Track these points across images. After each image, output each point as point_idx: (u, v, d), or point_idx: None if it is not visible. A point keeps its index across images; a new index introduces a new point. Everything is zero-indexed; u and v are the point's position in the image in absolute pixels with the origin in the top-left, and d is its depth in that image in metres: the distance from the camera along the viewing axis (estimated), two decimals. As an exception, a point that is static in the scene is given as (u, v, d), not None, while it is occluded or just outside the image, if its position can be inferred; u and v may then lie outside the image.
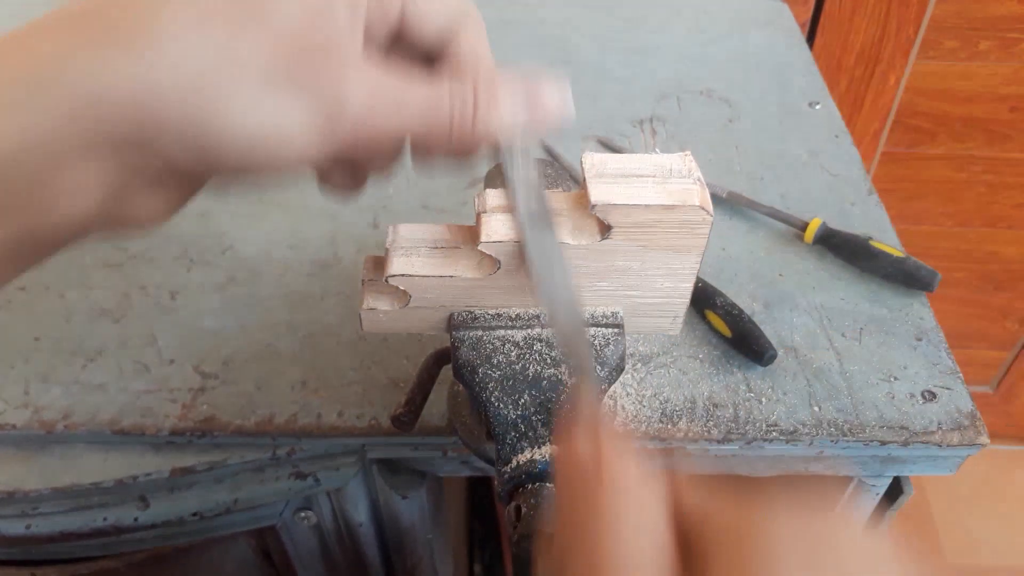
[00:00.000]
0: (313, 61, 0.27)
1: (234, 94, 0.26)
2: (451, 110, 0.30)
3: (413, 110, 0.29)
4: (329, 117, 0.28)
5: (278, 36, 0.27)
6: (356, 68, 0.28)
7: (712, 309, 0.54)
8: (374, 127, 0.29)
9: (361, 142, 0.29)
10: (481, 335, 0.37)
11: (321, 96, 0.27)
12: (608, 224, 0.34)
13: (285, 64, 0.27)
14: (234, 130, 0.27)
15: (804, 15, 1.07)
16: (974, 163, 1.20)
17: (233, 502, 0.50)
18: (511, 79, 0.32)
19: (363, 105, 0.28)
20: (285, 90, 0.27)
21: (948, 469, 0.52)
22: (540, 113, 0.32)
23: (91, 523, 0.49)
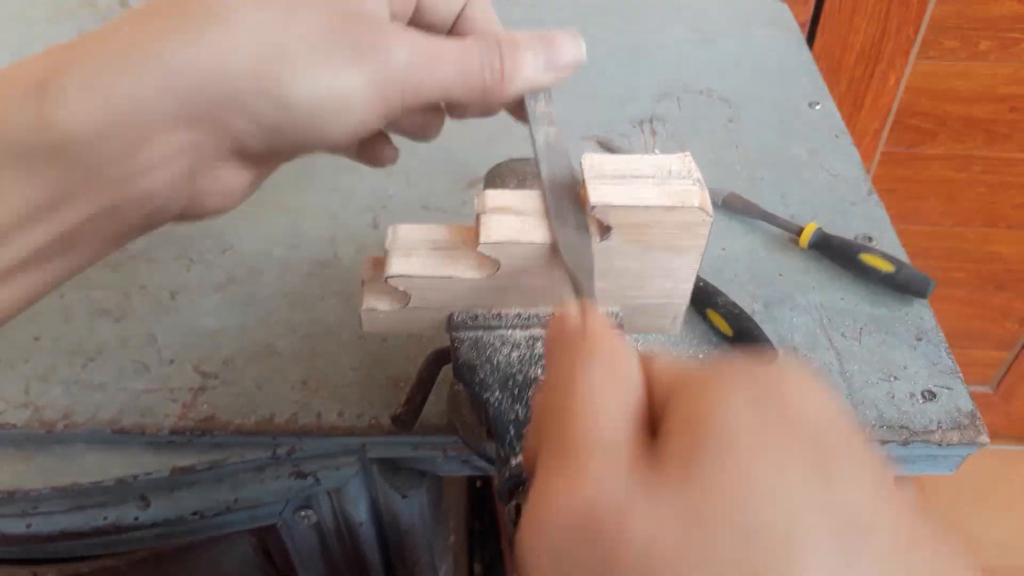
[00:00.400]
0: (358, 29, 0.30)
1: (294, 64, 0.29)
2: (481, 66, 0.33)
3: (449, 66, 0.32)
4: (379, 75, 0.30)
5: (325, 11, 0.30)
6: (394, 34, 0.31)
7: (713, 308, 0.54)
8: (418, 82, 0.32)
9: (410, 101, 0.32)
10: (481, 335, 0.37)
11: (369, 57, 0.30)
12: (607, 225, 0.34)
13: (335, 34, 0.30)
14: (299, 96, 0.30)
15: (804, 15, 1.07)
16: (974, 163, 1.20)
17: (233, 501, 0.50)
18: (529, 36, 0.35)
19: (406, 62, 0.31)
20: (339, 56, 0.30)
21: (948, 469, 0.52)
22: (559, 60, 0.35)
23: (91, 522, 0.49)
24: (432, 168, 0.67)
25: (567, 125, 0.39)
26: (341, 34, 0.30)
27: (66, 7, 0.86)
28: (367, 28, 0.31)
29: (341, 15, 0.30)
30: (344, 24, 0.30)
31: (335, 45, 0.30)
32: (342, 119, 0.31)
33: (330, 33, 0.30)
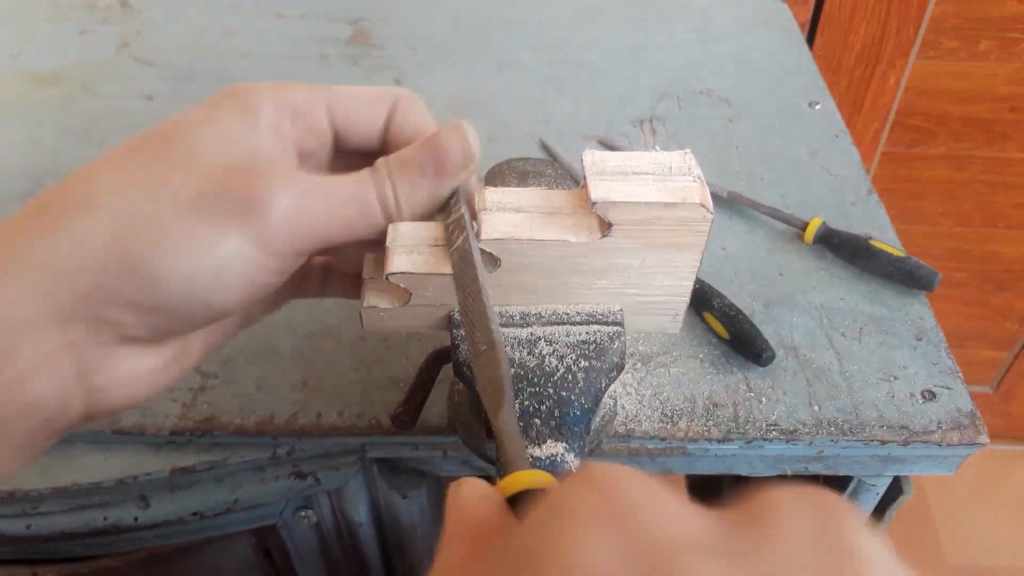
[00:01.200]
0: (238, 185, 0.28)
1: (168, 230, 0.28)
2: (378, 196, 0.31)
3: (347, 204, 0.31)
4: (261, 233, 0.29)
5: (204, 170, 0.28)
6: (282, 182, 0.29)
7: (709, 311, 0.54)
8: (311, 226, 0.30)
9: (304, 247, 0.30)
10: (481, 334, 0.37)
11: (249, 214, 0.28)
12: (608, 222, 0.34)
13: (212, 190, 0.28)
14: (174, 263, 0.28)
15: (804, 15, 1.07)
16: (974, 163, 1.20)
17: (233, 501, 0.50)
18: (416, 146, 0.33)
19: (293, 211, 0.29)
20: (215, 216, 0.28)
21: (948, 469, 0.52)
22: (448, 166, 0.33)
23: (91, 523, 0.49)
24: (432, 168, 0.67)
25: (567, 124, 0.38)
26: (214, 195, 0.28)
27: (66, 7, 0.86)
28: (248, 181, 0.29)
29: (218, 174, 0.29)
30: (220, 182, 0.28)
31: (207, 210, 0.28)
32: (223, 285, 0.29)
33: (203, 197, 0.28)
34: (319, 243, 0.30)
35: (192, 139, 0.29)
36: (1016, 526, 1.52)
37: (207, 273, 0.28)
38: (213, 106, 0.31)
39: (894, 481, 0.55)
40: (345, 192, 0.31)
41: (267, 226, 0.29)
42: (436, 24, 0.86)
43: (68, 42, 0.82)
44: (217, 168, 0.29)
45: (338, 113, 0.33)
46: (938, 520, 1.52)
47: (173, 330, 0.30)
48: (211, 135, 0.29)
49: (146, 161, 0.29)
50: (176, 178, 0.28)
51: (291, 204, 0.29)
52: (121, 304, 0.28)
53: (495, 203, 0.36)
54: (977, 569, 1.46)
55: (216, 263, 0.28)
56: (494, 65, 0.80)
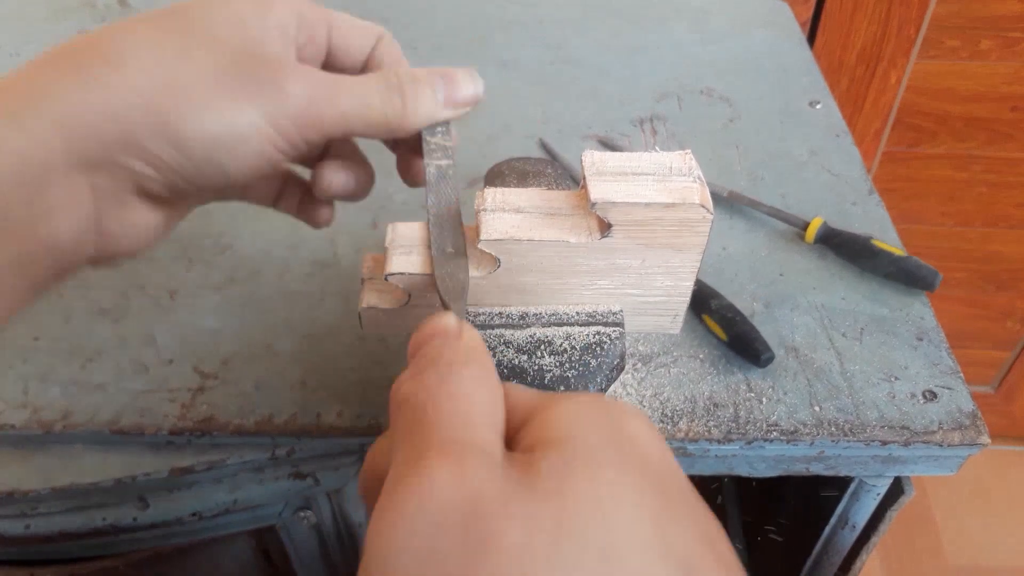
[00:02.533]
0: (254, 65, 0.31)
1: (189, 103, 0.30)
2: (382, 101, 0.34)
3: (349, 101, 0.33)
4: (274, 109, 0.31)
5: (221, 50, 0.31)
6: (292, 70, 0.32)
7: (707, 313, 0.54)
8: (317, 117, 0.32)
9: (309, 135, 0.33)
10: (481, 333, 0.37)
11: (264, 92, 0.31)
12: (608, 222, 0.34)
13: (229, 70, 0.31)
14: (194, 134, 0.30)
15: (805, 14, 1.06)
16: (975, 163, 1.20)
17: (232, 502, 0.50)
18: (429, 72, 0.36)
19: (304, 97, 0.32)
20: (232, 92, 0.31)
21: (949, 469, 0.52)
22: (457, 96, 0.36)
23: (90, 523, 0.49)
24: (432, 168, 0.66)
25: (567, 124, 0.39)
26: (235, 70, 0.31)
27: (66, 7, 0.86)
28: (264, 65, 0.31)
29: (238, 54, 0.31)
30: (240, 61, 0.31)
31: (228, 81, 0.30)
32: (238, 154, 0.31)
33: (224, 70, 0.30)
34: (323, 132, 0.33)
35: (210, 17, 0.31)
36: (1017, 526, 1.52)
37: (227, 139, 0.31)
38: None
39: (895, 481, 0.55)
40: (351, 87, 0.33)
41: (281, 108, 0.31)
42: (436, 24, 0.86)
43: (68, 42, 0.81)
44: (235, 47, 0.31)
45: (335, 32, 0.36)
46: (939, 520, 1.52)
47: (184, 190, 0.32)
48: (228, 16, 0.32)
49: (168, 30, 0.31)
50: (199, 50, 0.30)
51: (303, 92, 0.32)
52: (145, 157, 0.30)
53: (495, 203, 0.36)
54: (978, 569, 1.46)
55: (236, 131, 0.31)
56: (494, 65, 0.80)
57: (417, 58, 0.80)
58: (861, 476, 0.55)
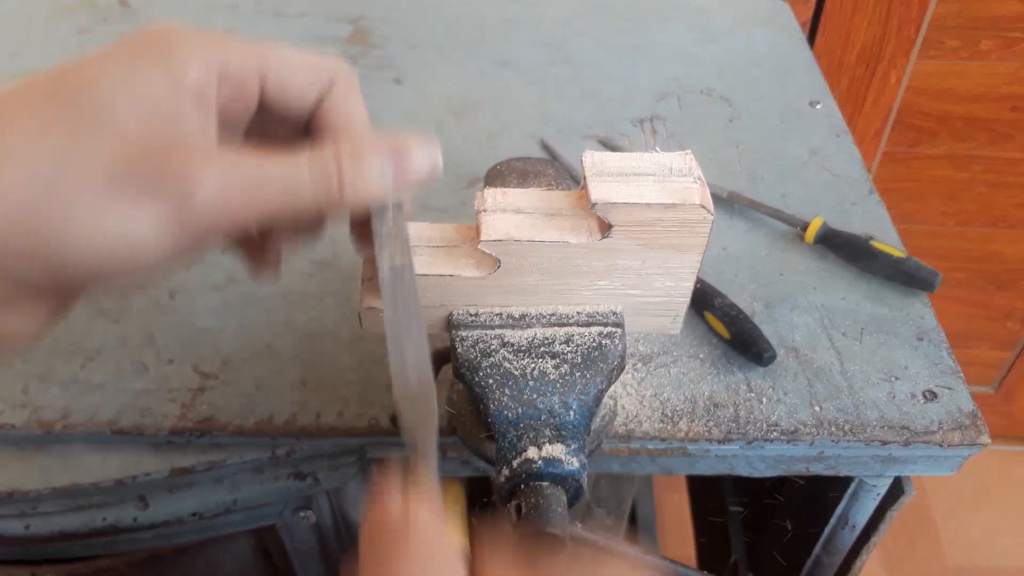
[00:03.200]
0: (157, 162, 0.27)
1: (77, 205, 0.26)
2: (312, 185, 0.29)
3: (272, 190, 0.29)
4: (179, 214, 0.27)
5: (118, 142, 0.26)
6: (205, 161, 0.28)
7: (710, 310, 0.54)
8: (232, 212, 0.28)
9: (223, 230, 0.28)
10: (481, 334, 0.37)
11: (168, 194, 0.27)
12: (609, 223, 0.34)
13: (127, 168, 0.26)
14: (82, 241, 0.26)
15: (805, 14, 1.06)
16: (975, 163, 1.20)
17: (232, 502, 0.50)
18: (379, 141, 0.31)
19: (215, 196, 0.27)
20: (130, 194, 0.26)
21: (949, 469, 0.52)
22: (408, 173, 0.31)
23: (90, 523, 0.49)
24: (432, 168, 0.66)
25: (567, 124, 0.38)
26: (133, 169, 0.26)
27: (65, 7, 0.86)
28: (168, 160, 0.27)
29: (138, 148, 0.27)
30: (140, 157, 0.27)
31: (122, 180, 0.26)
32: (130, 260, 0.28)
33: (117, 165, 0.26)
34: (239, 226, 0.29)
35: (105, 98, 0.27)
36: (1017, 526, 1.52)
37: (115, 246, 0.27)
38: (131, 56, 0.28)
39: (895, 481, 0.55)
40: (274, 176, 0.29)
41: (186, 210, 0.27)
42: (436, 24, 0.86)
43: (68, 42, 0.81)
44: (133, 139, 0.27)
45: (270, 79, 0.31)
46: (939, 520, 1.52)
47: (78, 288, 0.30)
48: (126, 95, 0.27)
49: (52, 122, 0.26)
50: (88, 147, 0.26)
51: (213, 189, 0.27)
52: (21, 266, 0.27)
53: (495, 204, 0.36)
54: (978, 569, 1.46)
55: (126, 238, 0.27)
56: (494, 65, 0.80)
57: (416, 59, 0.81)
58: (861, 476, 0.55)
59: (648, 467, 0.52)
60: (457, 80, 0.77)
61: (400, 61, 0.79)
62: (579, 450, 0.36)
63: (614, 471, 0.53)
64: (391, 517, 0.25)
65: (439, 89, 0.76)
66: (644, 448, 0.50)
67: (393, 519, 0.25)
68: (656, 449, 0.50)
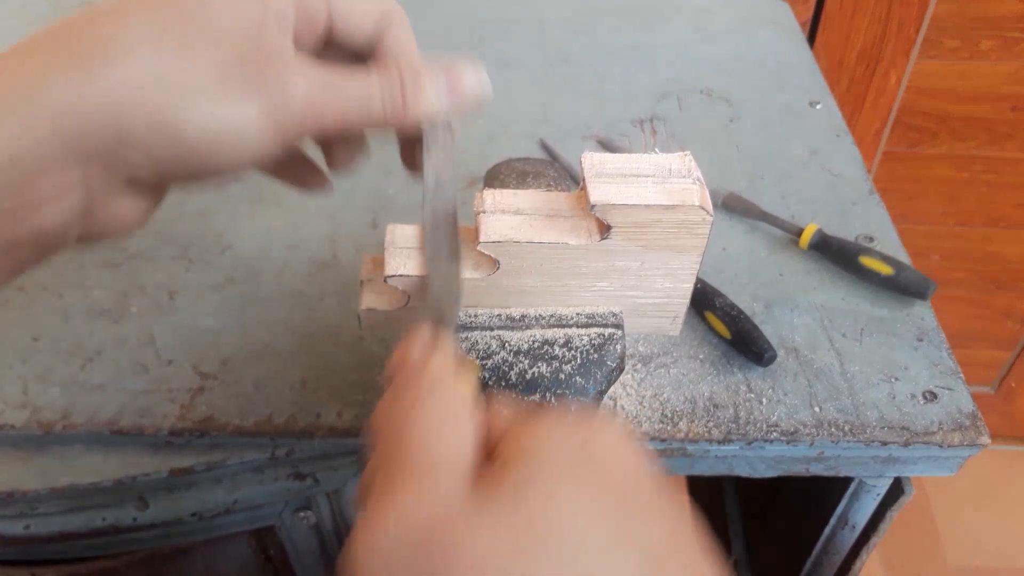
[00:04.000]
0: (255, 61, 0.30)
1: (190, 99, 0.29)
2: (382, 97, 0.33)
3: (349, 99, 0.32)
4: (277, 110, 0.31)
5: (222, 46, 0.30)
6: (294, 67, 0.31)
7: (711, 310, 0.54)
8: (318, 115, 0.32)
9: (308, 131, 0.32)
10: (480, 335, 0.37)
11: (267, 93, 0.30)
12: (608, 224, 0.34)
13: (232, 70, 0.30)
14: (194, 131, 0.30)
15: (805, 14, 1.06)
16: (975, 163, 1.20)
17: (232, 502, 0.50)
18: (433, 67, 0.35)
19: (305, 97, 0.31)
20: (236, 92, 0.30)
21: (949, 469, 0.52)
22: (461, 94, 0.35)
23: (90, 523, 0.49)
24: (432, 168, 0.66)
25: (567, 124, 0.38)
26: (237, 66, 0.30)
27: (65, 7, 0.86)
28: (265, 61, 0.31)
29: (239, 47, 0.30)
30: (241, 57, 0.30)
31: (230, 78, 0.30)
32: (236, 150, 0.31)
33: (226, 65, 0.30)
34: (321, 129, 0.32)
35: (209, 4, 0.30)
36: (1017, 527, 1.52)
37: (226, 136, 0.30)
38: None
39: (895, 482, 0.55)
40: (351, 85, 0.33)
41: (281, 105, 0.31)
42: (436, 24, 0.86)
43: (68, 41, 0.81)
44: (236, 40, 0.30)
45: (335, 15, 0.34)
46: (939, 521, 1.52)
47: (178, 180, 0.32)
48: (225, 4, 0.31)
49: (166, 21, 0.30)
50: (199, 44, 0.30)
51: (305, 90, 0.31)
52: (142, 151, 0.29)
53: (494, 205, 0.36)
54: (978, 570, 1.46)
55: (235, 128, 0.30)
56: (494, 65, 0.80)
57: (417, 58, 0.80)
58: (861, 477, 0.55)
59: (648, 467, 0.52)
60: (457, 80, 0.77)
61: (400, 61, 0.79)
62: (578, 451, 0.36)
63: (614, 471, 0.53)
64: (412, 357, 0.28)
65: (439, 89, 0.76)
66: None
67: (413, 360, 0.28)
68: (656, 449, 0.50)
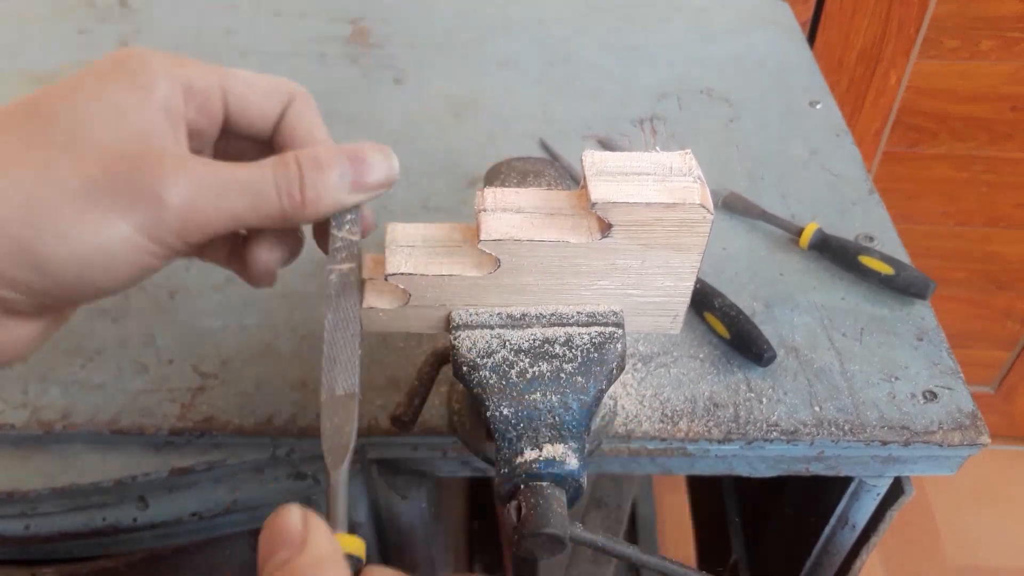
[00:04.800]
0: (129, 172, 0.28)
1: (57, 215, 0.28)
2: (278, 192, 0.31)
3: (239, 195, 0.30)
4: (151, 223, 0.29)
5: (94, 155, 0.28)
6: (174, 168, 0.29)
7: (710, 311, 0.54)
8: (204, 220, 0.30)
9: (194, 238, 0.30)
10: (481, 334, 0.37)
11: (140, 202, 0.28)
12: (608, 222, 0.34)
13: (101, 180, 0.28)
14: (59, 258, 0.28)
15: (805, 14, 1.06)
16: (975, 163, 1.20)
17: (232, 502, 0.50)
18: (338, 150, 0.33)
19: (185, 203, 0.29)
20: (105, 204, 0.28)
21: (949, 469, 0.52)
22: (367, 180, 0.33)
23: (90, 523, 0.49)
24: (432, 168, 0.67)
25: (567, 124, 0.38)
26: (104, 182, 0.28)
27: (66, 7, 0.86)
28: (138, 170, 0.29)
29: (109, 160, 0.28)
30: (110, 171, 0.28)
31: (96, 196, 0.28)
32: (109, 270, 0.29)
33: (91, 183, 0.28)
34: (210, 233, 0.30)
35: (80, 115, 0.29)
36: (1017, 526, 1.52)
37: (95, 259, 0.28)
38: (103, 76, 0.30)
39: (895, 481, 0.55)
40: (241, 181, 0.30)
41: (158, 217, 0.29)
42: (436, 23, 0.86)
43: (67, 41, 0.81)
44: (106, 152, 0.28)
45: (232, 97, 0.33)
46: (939, 520, 1.52)
47: (57, 306, 0.31)
48: (100, 111, 0.29)
49: (32, 139, 0.28)
50: (64, 162, 0.28)
51: (183, 195, 0.29)
52: (9, 284, 0.28)
53: (495, 203, 0.36)
54: (978, 569, 1.46)
55: (104, 250, 0.28)
56: (494, 65, 0.80)
57: (416, 58, 0.81)
58: (861, 476, 0.55)
59: (648, 467, 0.52)
60: (457, 80, 0.77)
61: (400, 61, 0.79)
62: (579, 450, 0.36)
63: (614, 471, 0.53)
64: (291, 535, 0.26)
65: (439, 89, 0.76)
66: (644, 448, 0.50)
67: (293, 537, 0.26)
68: (656, 449, 0.50)
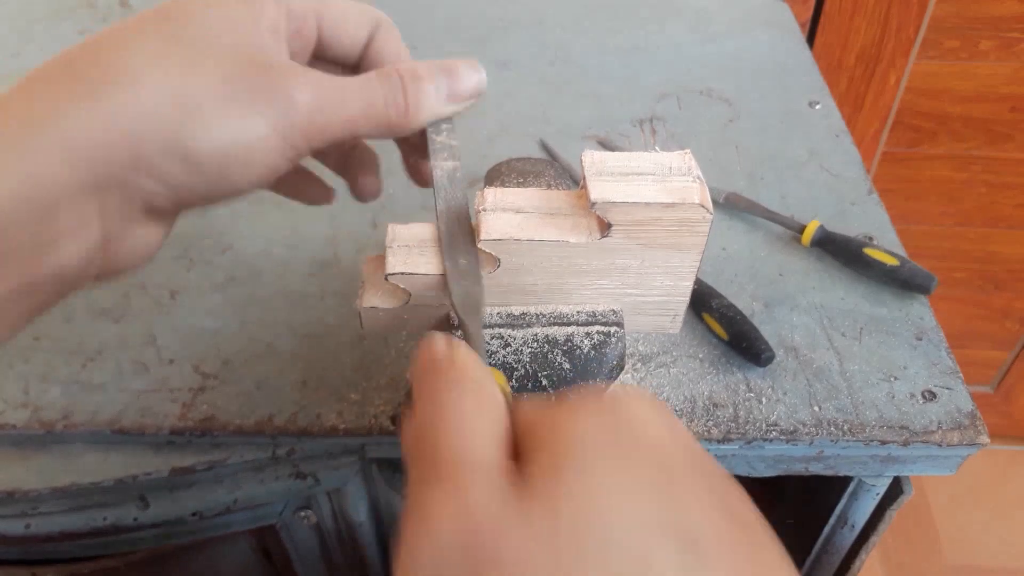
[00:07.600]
0: (259, 75, 0.30)
1: (199, 119, 0.29)
2: (385, 102, 0.33)
3: (354, 104, 0.32)
4: (284, 122, 0.31)
5: (226, 61, 0.30)
6: (303, 75, 0.32)
7: (708, 312, 0.54)
8: (325, 123, 0.32)
9: (316, 142, 0.32)
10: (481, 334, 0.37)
11: (273, 105, 0.30)
12: (608, 222, 0.34)
13: (236, 83, 0.30)
14: (206, 150, 0.30)
15: (804, 14, 1.06)
16: (974, 163, 1.20)
17: (233, 502, 0.50)
18: (432, 69, 0.35)
19: (310, 104, 0.31)
20: (243, 107, 0.30)
21: (948, 469, 0.52)
22: (461, 94, 0.36)
23: (90, 523, 0.49)
24: (432, 168, 0.67)
25: (567, 124, 0.39)
26: (243, 81, 0.30)
27: (66, 7, 0.86)
28: (268, 74, 0.31)
29: (242, 63, 0.30)
30: (245, 72, 0.30)
31: (236, 94, 0.30)
32: (247, 167, 0.31)
33: (231, 82, 0.30)
34: (329, 138, 0.32)
35: (208, 25, 0.30)
36: (1016, 526, 1.52)
37: (237, 152, 0.30)
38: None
39: (894, 481, 0.55)
40: (354, 90, 0.33)
41: (289, 117, 0.31)
42: (435, 24, 0.86)
43: (68, 42, 0.81)
44: (240, 56, 0.30)
45: (325, 23, 0.35)
46: (938, 520, 1.52)
47: (193, 203, 0.32)
48: (225, 22, 0.31)
49: (176, 38, 0.30)
50: (206, 60, 0.30)
51: (309, 100, 0.31)
52: (156, 176, 0.29)
53: (495, 203, 0.36)
54: (977, 569, 1.46)
55: (245, 145, 0.30)
56: (494, 65, 0.80)
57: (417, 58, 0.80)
58: (860, 476, 0.55)
59: (648, 467, 0.52)
60: (457, 80, 0.77)
61: (400, 61, 0.79)
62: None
63: (614, 471, 0.53)
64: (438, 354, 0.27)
65: (439, 89, 0.76)
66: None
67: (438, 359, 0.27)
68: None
